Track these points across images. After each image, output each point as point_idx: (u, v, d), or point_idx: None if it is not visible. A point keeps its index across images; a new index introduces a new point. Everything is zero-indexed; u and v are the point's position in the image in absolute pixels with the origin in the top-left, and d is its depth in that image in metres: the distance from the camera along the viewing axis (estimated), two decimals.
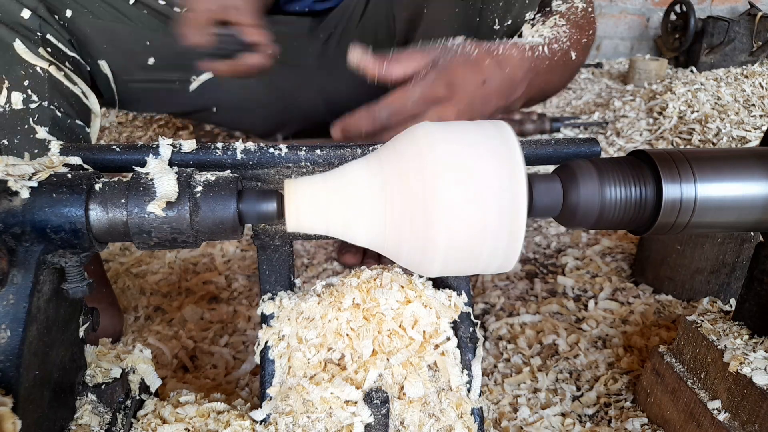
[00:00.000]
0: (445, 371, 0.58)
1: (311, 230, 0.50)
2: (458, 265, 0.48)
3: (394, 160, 0.48)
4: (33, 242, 0.46)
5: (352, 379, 0.56)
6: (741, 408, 0.60)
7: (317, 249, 1.26)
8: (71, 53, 0.87)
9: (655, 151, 0.53)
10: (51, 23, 0.85)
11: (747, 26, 2.48)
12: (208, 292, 1.10)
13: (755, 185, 0.52)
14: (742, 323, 0.66)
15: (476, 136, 0.47)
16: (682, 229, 0.54)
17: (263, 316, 0.62)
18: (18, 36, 0.79)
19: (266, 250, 0.64)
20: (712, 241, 0.94)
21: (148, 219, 0.47)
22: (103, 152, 0.56)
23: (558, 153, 0.62)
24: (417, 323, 0.58)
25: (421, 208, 0.45)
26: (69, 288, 0.49)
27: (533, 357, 0.90)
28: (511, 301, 1.05)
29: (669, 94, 2.00)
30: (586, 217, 0.52)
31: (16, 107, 0.76)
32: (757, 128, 1.67)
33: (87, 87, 0.89)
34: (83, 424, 0.54)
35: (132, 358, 0.62)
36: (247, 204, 0.50)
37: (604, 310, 1.01)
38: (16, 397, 0.43)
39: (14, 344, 0.44)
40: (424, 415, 0.56)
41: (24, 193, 0.45)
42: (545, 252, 1.24)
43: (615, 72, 2.68)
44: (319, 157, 0.59)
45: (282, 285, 0.64)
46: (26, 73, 0.78)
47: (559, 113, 2.17)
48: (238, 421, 0.57)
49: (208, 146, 0.57)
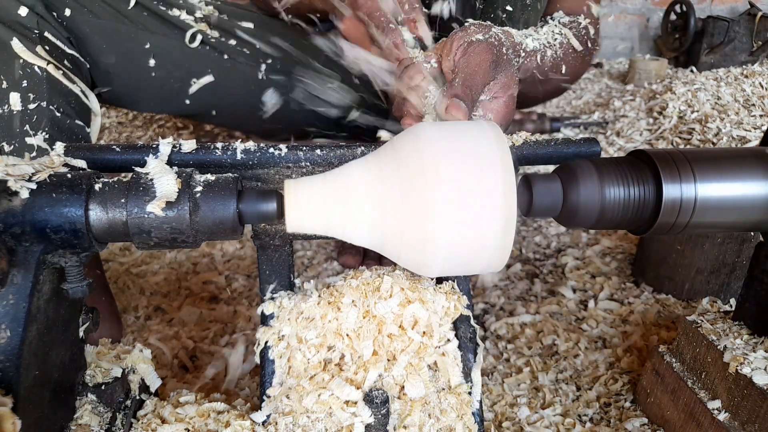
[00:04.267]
0: (446, 371, 0.58)
1: (311, 230, 0.50)
2: (458, 265, 0.48)
3: (394, 161, 0.48)
4: (33, 242, 0.46)
5: (352, 380, 0.56)
6: (741, 408, 0.60)
7: (317, 249, 1.25)
8: (70, 51, 0.87)
9: (655, 151, 0.53)
10: (49, 21, 0.84)
11: (747, 26, 2.48)
12: (208, 292, 1.10)
13: (755, 185, 0.52)
14: (742, 323, 0.66)
15: (475, 136, 0.47)
16: (682, 230, 0.54)
17: (263, 316, 0.62)
18: (15, 34, 0.78)
19: (266, 250, 0.64)
20: (712, 241, 0.94)
21: (147, 219, 0.47)
22: (103, 152, 0.56)
23: (558, 153, 0.62)
24: (417, 324, 0.58)
25: (421, 208, 0.45)
26: (69, 288, 0.49)
27: (533, 357, 0.89)
28: (511, 301, 1.05)
29: (669, 94, 2.00)
30: (586, 217, 0.52)
31: (14, 108, 0.76)
32: (757, 128, 1.67)
33: (86, 86, 0.89)
34: (83, 424, 0.54)
35: (132, 358, 0.62)
36: (247, 204, 0.50)
37: (604, 310, 1.01)
38: (16, 397, 0.43)
39: (14, 344, 0.44)
40: (424, 415, 0.56)
41: (24, 193, 0.45)
42: (545, 252, 1.24)
43: (615, 72, 2.68)
44: (319, 157, 0.59)
45: (282, 285, 0.64)
46: (24, 73, 0.77)
47: (559, 113, 2.17)
48: (238, 421, 0.57)
49: (208, 146, 0.57)
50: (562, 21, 0.86)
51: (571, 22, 0.86)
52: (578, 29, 0.85)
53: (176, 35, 0.97)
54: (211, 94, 1.04)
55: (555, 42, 0.78)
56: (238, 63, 1.03)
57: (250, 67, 1.04)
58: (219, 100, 1.06)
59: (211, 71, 1.01)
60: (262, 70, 1.05)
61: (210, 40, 1.00)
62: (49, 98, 0.78)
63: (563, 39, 0.80)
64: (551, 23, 0.83)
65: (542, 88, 0.90)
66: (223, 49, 1.02)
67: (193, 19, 0.99)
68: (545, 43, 0.76)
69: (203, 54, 1.00)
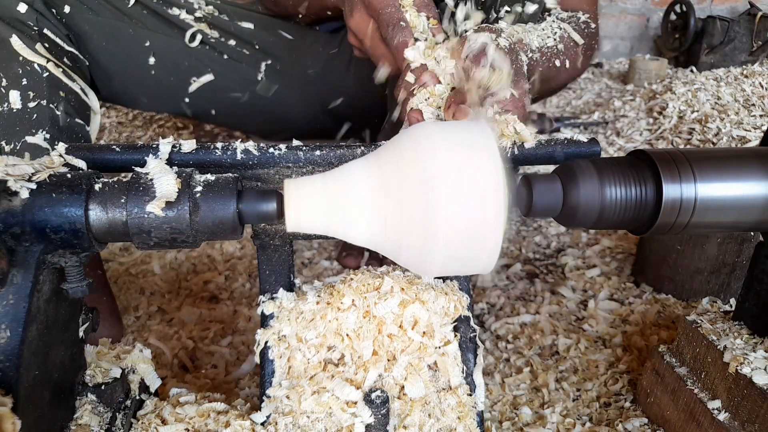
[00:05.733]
0: (446, 371, 0.58)
1: (311, 230, 0.50)
2: (458, 266, 0.48)
3: (394, 160, 0.48)
4: (33, 242, 0.46)
5: (352, 380, 0.56)
6: (741, 408, 0.60)
7: (318, 249, 1.26)
8: (69, 48, 0.86)
9: (655, 151, 0.53)
10: (48, 18, 0.84)
11: (747, 26, 2.48)
12: (208, 292, 1.10)
13: (755, 185, 0.52)
14: (742, 323, 0.66)
15: (475, 136, 0.47)
16: (682, 229, 0.54)
17: (263, 316, 0.62)
18: (15, 31, 0.78)
19: (266, 250, 0.64)
20: (712, 241, 0.94)
21: (147, 219, 0.47)
22: (103, 152, 0.56)
23: (558, 153, 0.62)
24: (417, 324, 0.58)
25: (421, 208, 0.45)
26: (69, 288, 0.49)
27: (533, 357, 0.89)
28: (511, 301, 1.05)
29: (669, 94, 2.00)
30: (586, 217, 0.52)
31: (14, 106, 0.75)
32: (757, 128, 1.67)
33: (86, 84, 0.89)
34: (83, 424, 0.54)
35: (132, 358, 0.62)
36: (246, 204, 0.50)
37: (604, 310, 1.01)
38: (15, 397, 0.43)
39: (14, 344, 0.44)
40: (424, 415, 0.56)
41: (24, 193, 0.45)
42: (545, 252, 1.24)
43: (615, 72, 2.68)
44: (318, 157, 0.59)
45: (282, 285, 0.64)
46: (24, 71, 0.77)
47: (559, 113, 2.17)
48: (238, 421, 0.57)
49: (208, 146, 0.57)
50: (560, 17, 0.86)
51: (570, 17, 0.86)
52: (578, 23, 0.85)
53: (176, 34, 0.97)
54: (210, 93, 1.04)
55: (556, 36, 0.78)
56: (238, 63, 1.03)
57: (249, 67, 1.04)
58: (218, 100, 1.06)
59: (210, 71, 1.02)
60: (261, 70, 1.05)
61: (210, 40, 1.00)
62: (49, 96, 0.78)
63: (563, 33, 0.80)
64: (549, 19, 0.83)
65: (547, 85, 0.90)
66: (222, 49, 1.02)
67: (193, 19, 0.99)
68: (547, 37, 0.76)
69: (203, 53, 1.00)
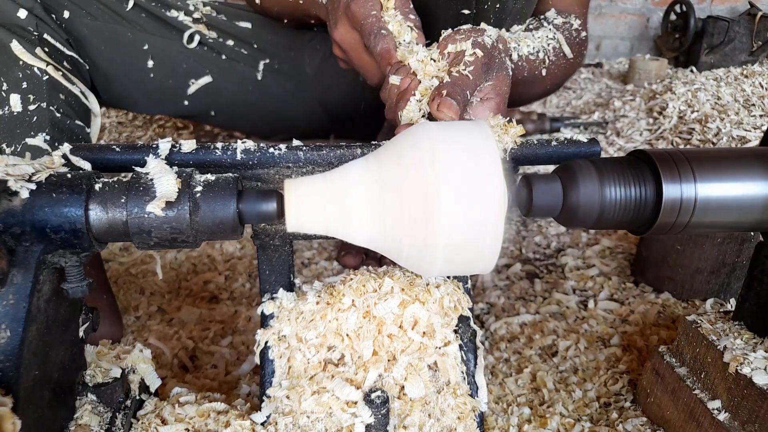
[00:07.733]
0: (446, 372, 0.58)
1: (311, 230, 0.50)
2: (458, 265, 0.48)
3: (394, 160, 0.48)
4: (33, 242, 0.46)
5: (352, 380, 0.56)
6: (741, 408, 0.60)
7: (318, 249, 1.26)
8: (69, 53, 0.87)
9: (655, 151, 0.53)
10: (48, 23, 0.84)
11: (747, 26, 2.48)
12: (208, 292, 1.10)
13: (755, 185, 0.52)
14: (742, 323, 0.66)
15: (473, 136, 0.47)
16: (682, 230, 0.54)
17: (263, 316, 0.62)
18: (15, 36, 0.78)
19: (266, 250, 0.64)
20: (712, 241, 0.94)
21: (147, 219, 0.47)
22: (103, 152, 0.56)
23: (558, 153, 0.62)
24: (417, 324, 0.58)
25: (421, 208, 0.45)
26: (69, 288, 0.49)
27: (533, 357, 0.89)
28: (511, 301, 1.05)
29: (669, 94, 2.00)
30: (586, 217, 0.52)
31: (14, 109, 0.76)
32: (757, 128, 1.67)
33: (86, 87, 0.89)
34: (83, 424, 0.54)
35: (132, 358, 0.62)
36: (247, 204, 0.50)
37: (604, 310, 1.01)
38: (15, 397, 0.43)
39: (14, 344, 0.44)
40: (424, 415, 0.56)
41: (24, 193, 0.45)
42: (545, 252, 1.24)
43: (615, 72, 2.68)
44: (318, 157, 0.59)
45: (282, 285, 0.64)
46: (24, 75, 0.78)
47: (559, 113, 2.17)
48: (238, 421, 0.57)
49: (208, 146, 0.57)
50: (555, 23, 0.86)
51: (564, 23, 0.86)
52: (570, 31, 0.86)
53: (174, 36, 0.97)
54: (209, 94, 1.04)
55: (549, 47, 0.80)
56: (236, 63, 1.03)
57: (248, 68, 1.04)
58: (217, 101, 1.06)
59: (209, 72, 1.02)
60: (260, 70, 1.05)
61: (208, 41, 1.00)
62: (49, 99, 0.78)
63: (555, 44, 0.82)
64: (546, 27, 0.84)
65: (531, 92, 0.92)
66: (221, 49, 1.02)
67: (190, 20, 0.99)
68: (539, 48, 0.79)
69: (201, 54, 1.00)
